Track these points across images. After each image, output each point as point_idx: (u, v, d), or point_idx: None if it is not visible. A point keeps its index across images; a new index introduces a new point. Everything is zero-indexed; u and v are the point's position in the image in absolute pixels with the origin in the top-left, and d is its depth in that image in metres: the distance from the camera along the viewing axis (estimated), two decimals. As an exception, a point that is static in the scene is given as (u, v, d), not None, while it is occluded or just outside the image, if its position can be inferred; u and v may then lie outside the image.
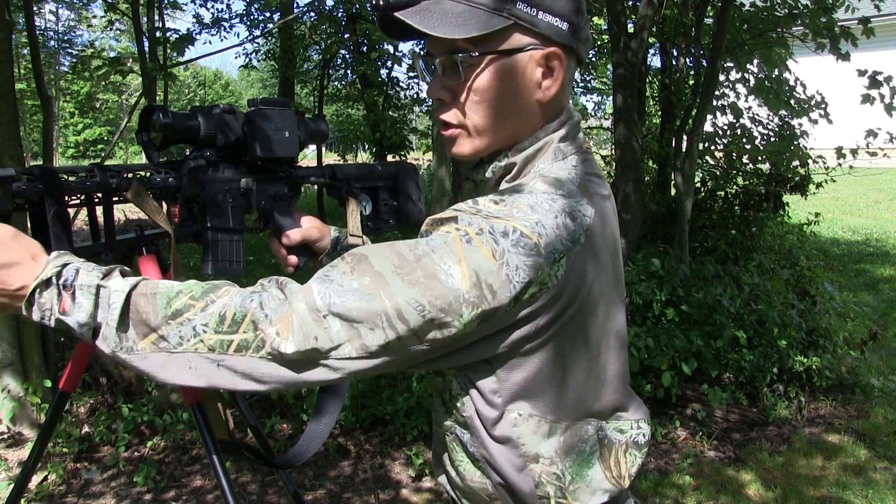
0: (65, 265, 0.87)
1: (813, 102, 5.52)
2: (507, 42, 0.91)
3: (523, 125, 0.96)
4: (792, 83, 5.58)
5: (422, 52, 1.00)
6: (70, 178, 1.08)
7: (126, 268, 0.91)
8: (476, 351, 0.88)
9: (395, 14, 0.90)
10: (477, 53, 0.90)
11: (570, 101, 1.02)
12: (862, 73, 4.63)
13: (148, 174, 1.18)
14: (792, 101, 5.48)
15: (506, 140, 0.97)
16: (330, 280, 0.84)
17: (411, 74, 8.35)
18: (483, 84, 0.92)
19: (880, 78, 4.60)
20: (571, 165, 0.97)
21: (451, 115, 0.96)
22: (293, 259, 1.31)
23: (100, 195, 1.12)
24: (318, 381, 0.86)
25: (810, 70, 5.81)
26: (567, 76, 0.95)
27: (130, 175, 1.14)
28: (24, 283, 0.86)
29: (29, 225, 1.06)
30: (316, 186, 1.40)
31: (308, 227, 1.31)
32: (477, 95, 0.93)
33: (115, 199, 1.13)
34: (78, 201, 1.11)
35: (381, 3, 0.92)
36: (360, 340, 0.82)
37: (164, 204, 1.22)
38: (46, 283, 0.85)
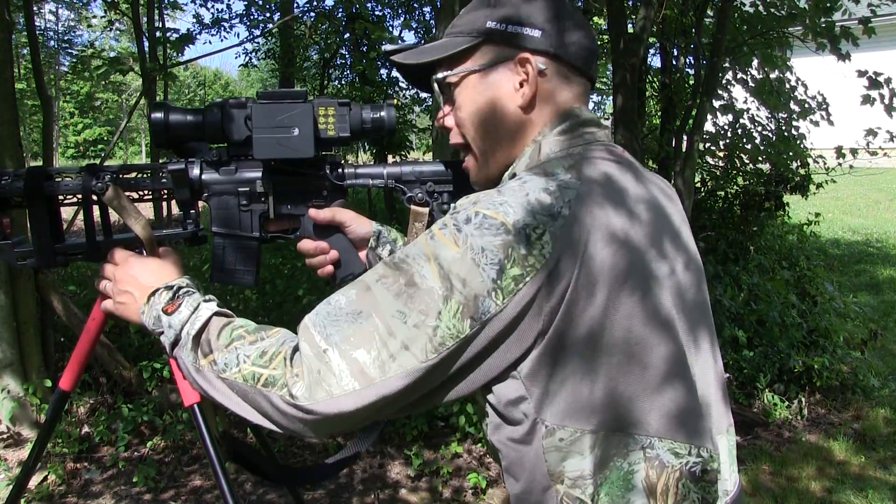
0: (188, 285, 1.04)
1: (815, 104, 5.51)
2: (479, 59, 0.97)
3: (517, 135, 0.97)
4: (793, 83, 5.57)
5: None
6: (56, 180, 1.12)
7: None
8: (490, 363, 0.83)
9: (391, 57, 1.03)
10: (453, 72, 0.99)
11: (578, 107, 0.98)
12: (862, 73, 4.62)
13: (148, 175, 1.18)
14: (792, 104, 5.47)
15: (506, 155, 0.99)
16: (325, 308, 0.86)
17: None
18: (464, 99, 0.99)
19: (880, 79, 4.59)
20: (566, 151, 0.94)
21: (454, 136, 1.03)
22: (334, 254, 1.20)
23: (80, 197, 1.13)
24: (331, 428, 0.85)
25: (810, 70, 5.80)
26: (551, 80, 0.95)
27: (108, 178, 1.12)
28: (156, 285, 1.04)
29: (28, 224, 1.10)
30: (383, 190, 1.31)
31: (342, 210, 1.22)
32: (463, 112, 0.99)
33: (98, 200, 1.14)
34: (66, 202, 1.15)
35: (385, 51, 1.07)
36: (357, 366, 0.81)
37: (164, 206, 1.21)
38: (168, 288, 1.02)
